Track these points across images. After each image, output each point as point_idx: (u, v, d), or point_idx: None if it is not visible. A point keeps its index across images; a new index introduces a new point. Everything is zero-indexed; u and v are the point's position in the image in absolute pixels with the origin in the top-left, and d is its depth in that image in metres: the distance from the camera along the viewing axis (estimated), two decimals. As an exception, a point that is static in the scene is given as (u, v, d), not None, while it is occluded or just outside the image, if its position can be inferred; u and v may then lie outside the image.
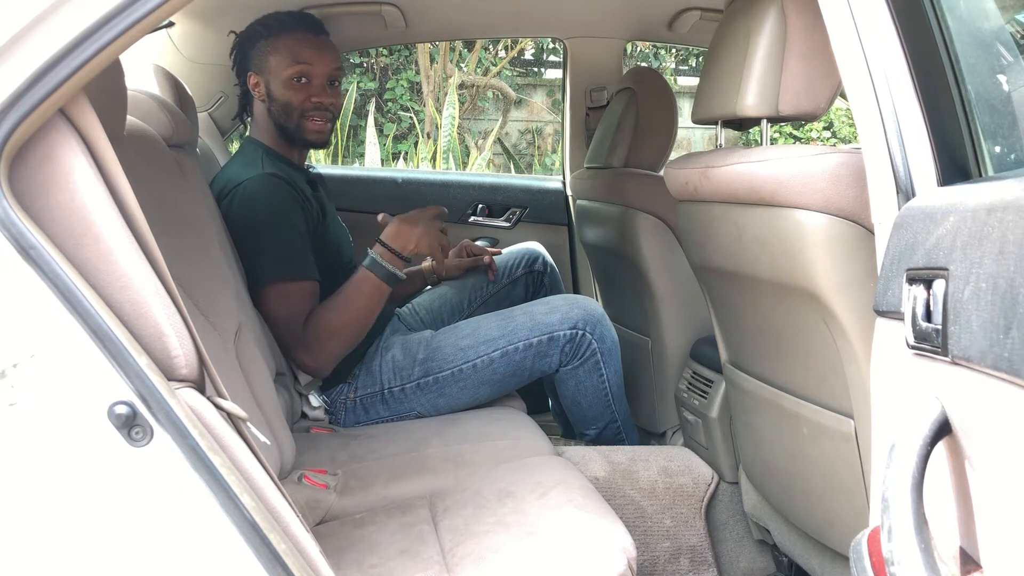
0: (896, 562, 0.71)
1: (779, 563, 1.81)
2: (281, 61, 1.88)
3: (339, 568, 1.20)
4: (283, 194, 1.81)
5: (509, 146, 6.49)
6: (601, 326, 1.96)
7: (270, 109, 1.91)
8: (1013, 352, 0.66)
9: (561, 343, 1.92)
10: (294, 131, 1.91)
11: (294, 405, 1.87)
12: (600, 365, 1.97)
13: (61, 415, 0.88)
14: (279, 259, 1.79)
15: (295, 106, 1.89)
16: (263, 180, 1.81)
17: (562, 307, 1.95)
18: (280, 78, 1.88)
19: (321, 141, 1.93)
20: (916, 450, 0.76)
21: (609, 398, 2.01)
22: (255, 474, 0.94)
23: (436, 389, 1.92)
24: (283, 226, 1.79)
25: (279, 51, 1.88)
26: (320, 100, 1.89)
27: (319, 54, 1.89)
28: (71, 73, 0.87)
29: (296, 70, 1.87)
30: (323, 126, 1.92)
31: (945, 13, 0.98)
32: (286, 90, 1.88)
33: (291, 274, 1.79)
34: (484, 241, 2.76)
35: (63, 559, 0.89)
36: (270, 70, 1.89)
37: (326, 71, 1.90)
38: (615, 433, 2.07)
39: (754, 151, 1.30)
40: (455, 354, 1.91)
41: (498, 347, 1.90)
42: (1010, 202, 0.72)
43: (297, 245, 1.81)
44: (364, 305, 1.84)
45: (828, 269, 1.21)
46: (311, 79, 1.89)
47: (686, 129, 6.47)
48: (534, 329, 1.91)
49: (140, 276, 0.91)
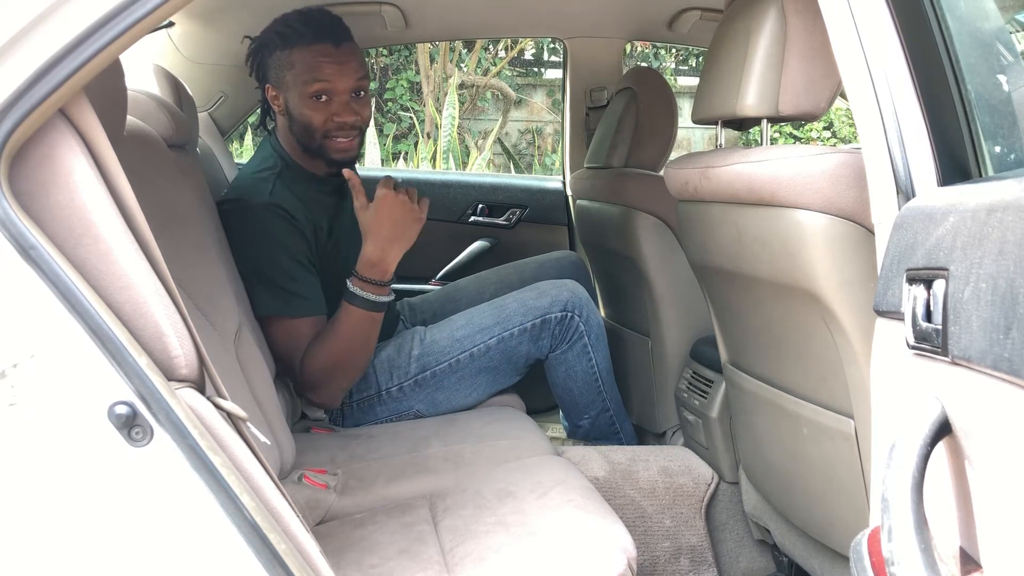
0: (896, 562, 0.71)
1: (779, 563, 1.81)
2: (299, 77, 1.74)
3: (339, 568, 1.20)
4: (284, 229, 1.73)
5: (509, 146, 6.50)
6: (588, 309, 1.96)
7: (291, 127, 1.80)
8: (1013, 352, 0.66)
9: (552, 325, 1.93)
10: (317, 150, 1.79)
11: (294, 405, 1.87)
12: (588, 349, 1.97)
13: (61, 415, 0.88)
14: (280, 295, 1.73)
15: (316, 127, 1.76)
16: (267, 209, 1.73)
17: (551, 291, 1.95)
18: (299, 95, 1.75)
19: (347, 160, 1.80)
20: (916, 450, 0.76)
21: (600, 383, 2.02)
22: (255, 474, 0.94)
23: (434, 383, 1.92)
24: (284, 258, 1.72)
25: (296, 66, 1.74)
26: (344, 119, 1.76)
27: (340, 69, 1.74)
28: (71, 73, 0.87)
29: (316, 88, 1.73)
30: (349, 144, 1.79)
31: (945, 13, 0.98)
32: (306, 109, 1.75)
33: (291, 311, 1.74)
34: (484, 241, 2.76)
35: (63, 559, 0.89)
36: (288, 86, 1.76)
37: (349, 86, 1.75)
38: (608, 424, 2.07)
39: (754, 151, 1.30)
40: (451, 346, 1.91)
41: (493, 334, 1.91)
42: (1010, 202, 0.72)
43: (300, 279, 1.74)
44: (357, 336, 1.76)
45: (828, 269, 1.21)
46: (332, 96, 1.75)
47: (686, 129, 6.47)
48: (527, 314, 1.92)
49: (140, 276, 0.91)
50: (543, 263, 2.29)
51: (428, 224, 1.81)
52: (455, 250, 2.75)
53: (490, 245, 2.75)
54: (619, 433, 2.09)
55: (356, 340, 1.77)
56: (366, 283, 1.74)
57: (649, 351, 2.15)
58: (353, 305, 1.74)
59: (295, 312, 1.75)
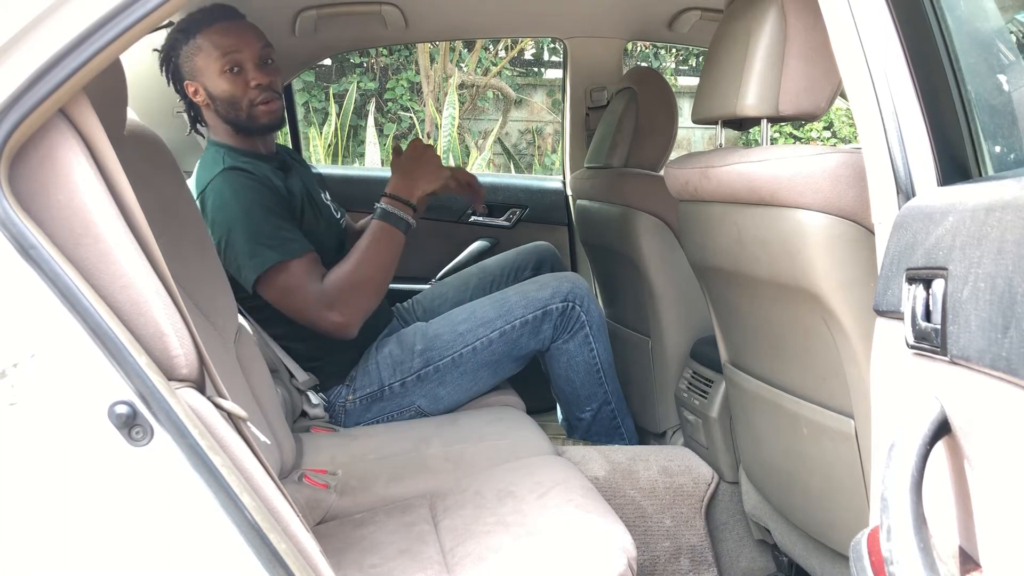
0: (895, 561, 0.71)
1: (779, 563, 1.81)
2: (209, 56, 1.84)
3: (339, 568, 1.20)
4: (248, 185, 1.79)
5: (509, 146, 6.49)
6: (589, 299, 2.00)
7: (217, 110, 1.88)
8: (1011, 352, 0.66)
9: (554, 316, 1.96)
10: (247, 121, 1.88)
11: (294, 403, 1.87)
12: (590, 339, 2.00)
13: (61, 415, 0.88)
14: (269, 245, 1.77)
15: (239, 96, 1.85)
16: (225, 177, 1.79)
17: (552, 283, 2.00)
18: (215, 75, 1.85)
19: (275, 121, 1.90)
20: (915, 450, 0.76)
21: (601, 375, 2.04)
22: (255, 474, 0.94)
23: (436, 378, 1.93)
24: (260, 213, 1.78)
25: (203, 49, 1.85)
26: (259, 81, 1.86)
27: (242, 38, 1.86)
28: (71, 73, 0.87)
29: (226, 61, 1.84)
30: (272, 106, 1.89)
31: (945, 13, 0.98)
32: (224, 84, 1.85)
33: (286, 253, 1.78)
34: (484, 241, 2.76)
35: (64, 559, 0.89)
36: (201, 71, 1.86)
37: (255, 52, 1.86)
38: (610, 418, 2.07)
39: (754, 151, 1.30)
40: (454, 340, 1.94)
41: (495, 327, 1.94)
42: (1008, 202, 0.72)
43: (282, 226, 1.79)
44: (384, 256, 1.85)
45: (828, 269, 1.21)
46: (243, 65, 1.85)
47: (686, 129, 6.47)
48: (528, 306, 1.95)
49: (140, 276, 0.91)
50: (520, 251, 2.37)
51: (428, 224, 1.86)
52: (455, 250, 2.75)
53: (490, 245, 2.75)
54: (620, 428, 2.10)
55: (383, 260, 1.86)
56: (396, 200, 1.89)
57: (649, 351, 2.15)
58: (386, 222, 1.87)
59: (291, 253, 1.78)
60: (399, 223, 1.87)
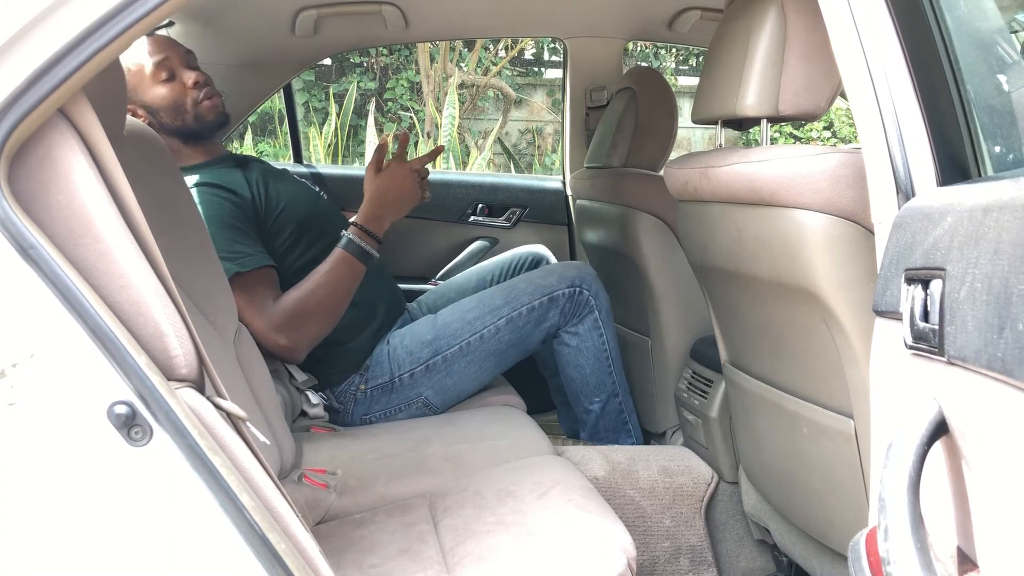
0: (892, 561, 0.71)
1: (779, 563, 1.81)
2: (139, 74, 1.86)
3: (339, 568, 1.20)
4: (208, 200, 1.79)
5: (509, 146, 6.50)
6: (596, 284, 2.02)
7: (163, 123, 1.88)
8: (1006, 352, 0.66)
9: (561, 302, 1.97)
10: (193, 122, 1.89)
11: (293, 403, 1.87)
12: (599, 324, 2.01)
13: (61, 415, 0.88)
14: (228, 257, 1.75)
15: (180, 98, 1.87)
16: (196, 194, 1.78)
17: (558, 269, 2.03)
18: (149, 88, 1.86)
19: (220, 114, 1.92)
20: (913, 450, 0.76)
21: (611, 363, 2.04)
22: (255, 474, 0.94)
23: (444, 368, 1.95)
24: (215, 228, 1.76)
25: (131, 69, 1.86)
26: (196, 79, 1.88)
27: (162, 46, 1.88)
28: (71, 73, 0.87)
29: (158, 70, 1.86)
30: (216, 101, 1.91)
31: (945, 13, 0.98)
32: (162, 91, 1.86)
33: (241, 266, 1.76)
34: (484, 241, 2.76)
35: (63, 559, 0.90)
36: (136, 90, 1.87)
37: (179, 56, 1.89)
38: (618, 411, 2.08)
39: (754, 151, 1.30)
40: (462, 328, 1.95)
41: (503, 315, 1.95)
42: (1006, 202, 0.72)
43: (238, 240, 1.79)
44: (342, 286, 1.84)
45: (828, 269, 1.21)
46: (174, 70, 1.87)
47: (686, 129, 6.47)
48: (535, 292, 1.97)
49: (140, 276, 0.91)
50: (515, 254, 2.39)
51: (428, 224, 1.85)
52: (455, 250, 2.75)
53: (490, 245, 2.75)
54: (628, 424, 2.09)
55: (341, 287, 1.84)
56: (364, 233, 1.87)
57: (649, 351, 2.15)
58: (347, 251, 1.85)
59: (244, 266, 1.77)
60: (362, 256, 1.85)
